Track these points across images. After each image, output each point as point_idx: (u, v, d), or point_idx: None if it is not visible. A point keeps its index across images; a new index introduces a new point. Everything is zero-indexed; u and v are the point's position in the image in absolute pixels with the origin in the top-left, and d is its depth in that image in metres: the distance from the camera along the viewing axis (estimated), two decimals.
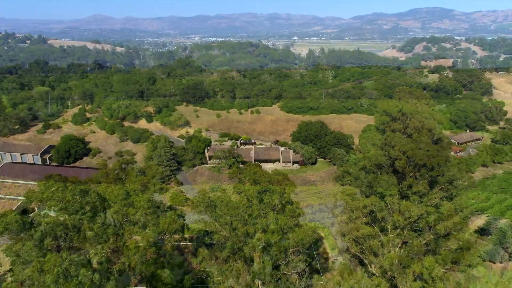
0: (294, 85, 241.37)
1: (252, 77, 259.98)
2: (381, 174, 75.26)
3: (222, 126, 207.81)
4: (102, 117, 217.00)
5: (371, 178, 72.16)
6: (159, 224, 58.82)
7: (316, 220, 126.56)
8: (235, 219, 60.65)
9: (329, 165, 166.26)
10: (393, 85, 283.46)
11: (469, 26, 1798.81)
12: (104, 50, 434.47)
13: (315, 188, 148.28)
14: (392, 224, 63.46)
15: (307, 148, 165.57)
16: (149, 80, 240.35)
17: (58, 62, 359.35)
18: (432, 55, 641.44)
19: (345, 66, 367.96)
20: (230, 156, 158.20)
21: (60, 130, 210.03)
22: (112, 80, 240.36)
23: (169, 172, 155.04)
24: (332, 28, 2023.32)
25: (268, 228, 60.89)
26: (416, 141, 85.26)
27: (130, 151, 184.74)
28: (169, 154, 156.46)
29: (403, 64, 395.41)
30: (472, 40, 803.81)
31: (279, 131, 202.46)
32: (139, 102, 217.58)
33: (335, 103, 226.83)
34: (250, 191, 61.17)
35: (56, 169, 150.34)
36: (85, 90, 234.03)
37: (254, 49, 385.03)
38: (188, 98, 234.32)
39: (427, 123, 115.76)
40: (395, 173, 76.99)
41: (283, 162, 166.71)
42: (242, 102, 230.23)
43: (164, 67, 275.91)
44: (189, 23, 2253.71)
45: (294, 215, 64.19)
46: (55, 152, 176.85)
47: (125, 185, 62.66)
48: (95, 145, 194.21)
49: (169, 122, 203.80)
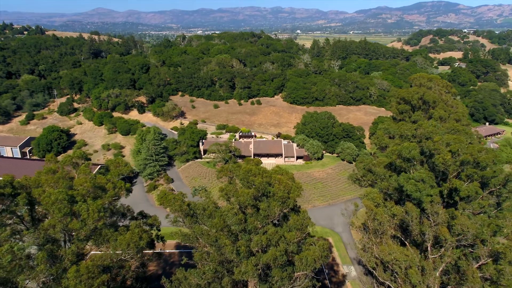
0: (298, 75, 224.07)
1: (253, 65, 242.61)
2: (413, 173, 59.15)
3: (220, 117, 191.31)
4: (91, 107, 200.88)
5: (404, 178, 55.88)
6: (117, 241, 42.67)
7: (323, 224, 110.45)
8: (222, 235, 44.38)
9: (337, 161, 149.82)
10: (403, 76, 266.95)
11: (475, 20, 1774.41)
12: (99, 40, 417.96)
13: (321, 186, 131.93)
14: (433, 241, 47.29)
15: (312, 141, 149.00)
16: (142, 68, 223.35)
17: (51, 51, 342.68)
18: (440, 47, 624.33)
19: (350, 56, 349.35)
20: (226, 150, 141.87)
21: (45, 121, 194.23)
22: (102, 68, 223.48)
23: (158, 167, 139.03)
24: (336, 22, 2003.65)
25: (266, 246, 44.60)
26: (457, 131, 69.05)
27: (118, 144, 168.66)
28: (159, 147, 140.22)
29: (411, 55, 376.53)
30: (481, 32, 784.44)
31: (282, 123, 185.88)
32: (130, 91, 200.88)
33: (342, 94, 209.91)
34: (242, 196, 44.98)
35: (30, 163, 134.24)
36: (73, 78, 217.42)
37: (256, 40, 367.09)
38: (184, 87, 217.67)
39: (454, 112, 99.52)
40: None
41: (285, 157, 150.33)
42: (242, 92, 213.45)
43: (159, 54, 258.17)
44: (191, 17, 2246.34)
45: (301, 228, 47.84)
46: (35, 144, 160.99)
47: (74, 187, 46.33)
48: (81, 138, 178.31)
49: (162, 113, 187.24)
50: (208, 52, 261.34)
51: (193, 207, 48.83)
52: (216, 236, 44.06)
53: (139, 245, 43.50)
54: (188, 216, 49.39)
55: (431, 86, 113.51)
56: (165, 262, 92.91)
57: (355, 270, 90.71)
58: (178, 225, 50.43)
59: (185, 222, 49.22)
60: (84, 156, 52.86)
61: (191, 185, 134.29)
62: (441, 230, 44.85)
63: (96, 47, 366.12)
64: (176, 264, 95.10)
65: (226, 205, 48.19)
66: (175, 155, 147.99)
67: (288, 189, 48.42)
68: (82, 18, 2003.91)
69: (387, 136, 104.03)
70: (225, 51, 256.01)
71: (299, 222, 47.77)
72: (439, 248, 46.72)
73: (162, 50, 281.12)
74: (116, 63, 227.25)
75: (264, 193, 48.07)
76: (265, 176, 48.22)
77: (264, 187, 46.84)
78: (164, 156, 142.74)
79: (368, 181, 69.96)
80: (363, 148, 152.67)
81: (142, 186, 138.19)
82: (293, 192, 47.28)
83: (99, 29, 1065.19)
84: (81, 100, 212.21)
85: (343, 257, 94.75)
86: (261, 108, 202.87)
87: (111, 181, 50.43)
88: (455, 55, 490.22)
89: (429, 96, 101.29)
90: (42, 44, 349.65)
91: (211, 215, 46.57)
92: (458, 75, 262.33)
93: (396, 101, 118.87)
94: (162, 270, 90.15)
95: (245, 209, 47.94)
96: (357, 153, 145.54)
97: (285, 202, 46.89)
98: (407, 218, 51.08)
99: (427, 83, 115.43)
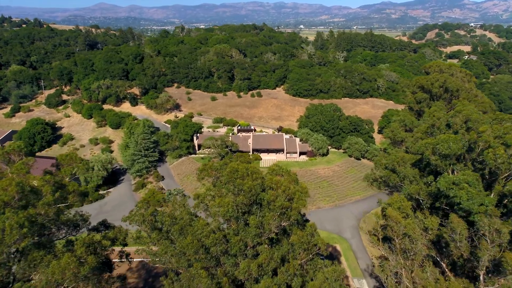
0: (301, 65, 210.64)
1: (254, 56, 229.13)
2: (453, 173, 46.66)
3: (218, 110, 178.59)
4: (80, 99, 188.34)
5: (445, 181, 43.18)
6: (49, 268, 30.22)
7: (329, 228, 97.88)
8: (196, 259, 31.83)
9: (343, 157, 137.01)
10: (411, 68, 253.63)
11: (480, 15, 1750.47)
12: (96, 32, 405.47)
13: (327, 185, 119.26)
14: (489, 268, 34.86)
15: (317, 136, 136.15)
16: (135, 58, 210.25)
17: (45, 43, 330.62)
18: (447, 41, 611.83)
19: (356, 49, 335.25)
20: (222, 145, 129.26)
21: (31, 114, 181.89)
22: (94, 58, 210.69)
23: (147, 163, 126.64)
24: (340, 17, 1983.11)
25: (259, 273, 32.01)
26: (501, 120, 56.40)
27: (107, 138, 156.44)
28: (149, 141, 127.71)
29: (419, 47, 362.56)
30: (488, 27, 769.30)
31: (283, 117, 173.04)
32: (122, 82, 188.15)
33: (348, 86, 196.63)
34: (223, 207, 32.57)
35: None
36: (62, 69, 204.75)
37: (258, 32, 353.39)
38: (180, 78, 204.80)
39: (481, 103, 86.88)
40: None
41: (287, 152, 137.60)
42: (242, 83, 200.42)
43: (155, 44, 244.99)
44: (194, 12, 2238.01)
45: (308, 247, 35.24)
46: (17, 138, 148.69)
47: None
48: (68, 131, 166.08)
49: (155, 105, 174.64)
50: (207, 42, 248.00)
51: (160, 218, 36.20)
52: (189, 261, 31.49)
53: (78, 272, 31.03)
54: (156, 229, 36.76)
55: (453, 72, 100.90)
56: (147, 273, 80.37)
57: (367, 284, 78.18)
58: (143, 241, 37.89)
59: (152, 237, 36.59)
60: (23, 150, 40.17)
61: (183, 183, 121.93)
62: (506, 256, 32.49)
63: (92, 38, 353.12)
64: (161, 273, 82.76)
65: (201, 220, 35.61)
66: (166, 150, 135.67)
67: (290, 195, 35.75)
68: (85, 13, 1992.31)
69: (403, 129, 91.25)
70: (224, 41, 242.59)
71: (305, 239, 35.11)
72: (495, 276, 34.30)
73: (158, 39, 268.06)
74: (109, 52, 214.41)
75: (256, 200, 35.49)
76: (256, 178, 35.57)
77: (255, 193, 34.24)
78: (154, 151, 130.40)
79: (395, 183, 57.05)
80: (372, 143, 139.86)
81: (129, 184, 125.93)
82: (297, 199, 34.68)
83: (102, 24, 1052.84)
84: (71, 92, 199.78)
85: (353, 269, 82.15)
86: (262, 100, 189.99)
87: (52, 182, 37.69)
88: (462, 49, 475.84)
89: (452, 84, 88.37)
90: (36, 36, 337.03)
91: (183, 230, 34.05)
92: (470, 67, 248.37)
93: (411, 90, 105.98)
94: (144, 282, 77.77)
95: (229, 224, 35.42)
96: (366, 149, 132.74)
97: (285, 214, 34.20)
98: (446, 233, 38.63)
99: (447, 69, 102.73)
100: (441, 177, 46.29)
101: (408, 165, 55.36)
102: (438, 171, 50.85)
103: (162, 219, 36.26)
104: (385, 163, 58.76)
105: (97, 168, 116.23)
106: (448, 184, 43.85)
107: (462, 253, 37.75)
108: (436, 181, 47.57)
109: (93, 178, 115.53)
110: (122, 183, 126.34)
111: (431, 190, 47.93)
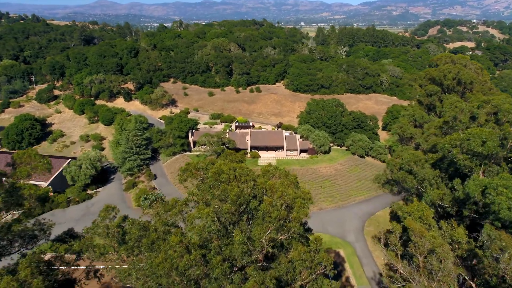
0: (302, 60, 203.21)
1: (253, 50, 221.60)
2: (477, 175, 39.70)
3: (215, 106, 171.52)
4: (73, 94, 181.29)
5: (476, 184, 35.99)
6: None
7: (331, 232, 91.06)
8: (169, 280, 24.97)
9: (346, 155, 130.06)
10: (415, 63, 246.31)
11: (481, 13, 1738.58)
12: (92, 27, 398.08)
13: (329, 185, 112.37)
14: None
15: (318, 132, 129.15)
16: (130, 52, 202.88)
17: (39, 38, 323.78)
18: (449, 37, 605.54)
19: (357, 44, 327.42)
20: (218, 142, 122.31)
21: (21, 110, 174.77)
22: (87, 53, 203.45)
23: (139, 161, 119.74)
24: (340, 14, 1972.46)
25: None
26: None
27: (98, 134, 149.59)
28: (141, 138, 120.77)
29: (422, 43, 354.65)
30: (491, 23, 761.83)
31: (283, 113, 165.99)
32: (116, 76, 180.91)
33: (350, 81, 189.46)
34: (206, 218, 25.67)
35: None
36: (54, 63, 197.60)
37: (258, 27, 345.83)
38: (176, 73, 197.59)
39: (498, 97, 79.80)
40: None
41: (287, 150, 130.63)
42: (240, 78, 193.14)
43: (151, 38, 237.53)
44: (194, 9, 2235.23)
45: (312, 265, 28.35)
46: (3, 135, 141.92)
47: None
48: (58, 127, 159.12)
49: (150, 101, 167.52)
50: (205, 37, 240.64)
51: (129, 230, 29.30)
52: (159, 286, 24.61)
53: None
54: (125, 243, 29.83)
55: (466, 64, 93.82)
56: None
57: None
58: (109, 258, 30.94)
59: (120, 253, 29.67)
60: None
61: (177, 182, 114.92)
62: None
63: (88, 33, 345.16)
64: None
65: (178, 234, 28.66)
66: (160, 147, 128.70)
67: (289, 203, 28.74)
68: (85, 10, 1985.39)
69: (412, 124, 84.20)
70: (222, 35, 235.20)
71: (307, 256, 28.10)
72: None
73: (155, 34, 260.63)
74: (102, 46, 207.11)
75: (246, 209, 28.57)
76: (247, 180, 28.61)
77: (244, 201, 27.32)
78: (147, 148, 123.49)
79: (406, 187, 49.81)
80: (376, 140, 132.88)
81: (120, 183, 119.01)
82: (297, 208, 27.71)
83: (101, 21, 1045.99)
84: (63, 87, 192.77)
85: (359, 277, 75.26)
86: (261, 96, 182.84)
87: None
88: (465, 45, 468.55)
89: (466, 75, 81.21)
90: (30, 30, 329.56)
91: (153, 246, 27.18)
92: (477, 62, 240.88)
93: (419, 83, 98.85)
94: None
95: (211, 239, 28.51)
96: (370, 146, 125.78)
97: (284, 226, 27.25)
98: (479, 249, 31.83)
99: (460, 60, 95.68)
100: (470, 180, 39.23)
101: (427, 166, 48.23)
102: (464, 173, 43.73)
103: (130, 231, 29.57)
104: (401, 163, 51.25)
105: (84, 166, 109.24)
106: (479, 188, 36.86)
107: (504, 275, 31.00)
108: (464, 184, 40.40)
109: (80, 177, 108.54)
110: (112, 182, 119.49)
111: (458, 195, 40.78)
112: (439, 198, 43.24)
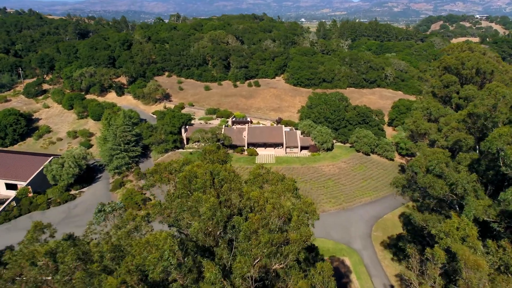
0: (303, 53, 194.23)
1: (252, 43, 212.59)
2: None
3: (211, 101, 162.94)
4: (62, 88, 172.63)
5: None
6: None
7: (335, 237, 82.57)
8: None
9: (350, 152, 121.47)
10: (420, 57, 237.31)
11: (483, 9, 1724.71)
12: (88, 21, 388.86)
13: (332, 185, 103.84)
14: None
15: (320, 128, 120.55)
16: (123, 45, 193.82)
17: (33, 31, 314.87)
18: (452, 33, 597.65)
19: (360, 38, 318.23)
20: (213, 138, 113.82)
21: (7, 104, 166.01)
22: (78, 45, 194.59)
23: (128, 159, 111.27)
24: (341, 10, 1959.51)
25: None
26: None
27: (87, 130, 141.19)
28: (130, 134, 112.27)
29: (426, 37, 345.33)
30: (494, 18, 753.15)
31: (283, 108, 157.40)
32: (107, 70, 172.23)
33: (353, 75, 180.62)
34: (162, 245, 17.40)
35: None
36: (43, 56, 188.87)
37: (258, 22, 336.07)
38: (171, 66, 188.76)
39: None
40: None
41: (287, 147, 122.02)
42: (238, 72, 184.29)
43: (145, 30, 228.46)
44: (194, 5, 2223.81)
45: None
46: None
47: None
48: (45, 123, 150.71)
49: (143, 95, 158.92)
50: (201, 29, 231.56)
51: (61, 259, 20.78)
52: None
53: None
54: None
55: (485, 51, 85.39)
56: None
57: None
58: None
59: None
60: None
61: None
62: None
63: (84, 27, 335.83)
64: None
65: (111, 279, 20.13)
66: (151, 144, 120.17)
67: (285, 217, 20.17)
68: (85, 6, 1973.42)
69: (426, 118, 75.59)
70: (220, 27, 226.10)
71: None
72: None
73: (150, 26, 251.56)
74: (95, 39, 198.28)
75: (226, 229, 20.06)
76: (229, 189, 20.09)
77: (222, 218, 18.85)
78: (136, 145, 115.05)
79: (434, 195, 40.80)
80: (382, 136, 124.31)
81: (107, 182, 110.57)
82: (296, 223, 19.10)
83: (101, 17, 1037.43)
84: (53, 81, 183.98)
85: (366, 286, 66.86)
86: (260, 90, 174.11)
87: None
88: (469, 40, 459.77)
89: (486, 64, 72.69)
90: (24, 24, 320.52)
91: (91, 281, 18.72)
92: None
93: (431, 73, 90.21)
94: None
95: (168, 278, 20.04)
96: (376, 143, 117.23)
97: (278, 253, 18.71)
98: None
99: (477, 48, 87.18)
100: None
101: (463, 168, 39.39)
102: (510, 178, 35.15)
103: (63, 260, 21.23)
104: (429, 165, 42.01)
105: (67, 164, 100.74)
106: None
107: None
108: None
109: (62, 176, 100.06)
110: (98, 182, 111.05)
111: (508, 207, 32.15)
112: (484, 211, 34.47)
